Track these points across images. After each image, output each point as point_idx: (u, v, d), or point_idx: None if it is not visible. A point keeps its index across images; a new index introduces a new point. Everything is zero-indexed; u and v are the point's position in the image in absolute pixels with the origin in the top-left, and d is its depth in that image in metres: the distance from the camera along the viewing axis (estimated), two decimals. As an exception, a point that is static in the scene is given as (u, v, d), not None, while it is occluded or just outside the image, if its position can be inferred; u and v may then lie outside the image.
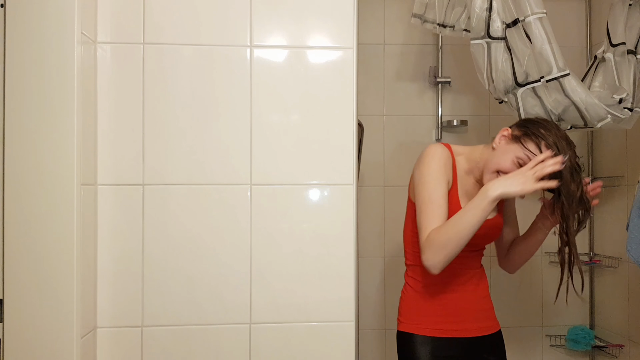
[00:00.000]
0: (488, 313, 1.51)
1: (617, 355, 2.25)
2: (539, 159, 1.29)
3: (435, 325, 1.42)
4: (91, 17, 1.18)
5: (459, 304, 1.44)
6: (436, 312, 1.44)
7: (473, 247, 1.42)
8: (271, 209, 1.24)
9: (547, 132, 1.34)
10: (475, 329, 1.46)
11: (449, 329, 1.43)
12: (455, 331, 1.43)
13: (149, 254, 1.22)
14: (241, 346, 1.24)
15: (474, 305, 1.47)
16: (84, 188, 1.13)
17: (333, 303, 1.25)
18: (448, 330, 1.43)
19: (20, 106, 1.09)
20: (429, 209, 1.32)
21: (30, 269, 1.09)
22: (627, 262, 2.18)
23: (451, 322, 1.43)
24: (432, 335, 1.42)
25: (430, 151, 1.39)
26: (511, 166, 1.33)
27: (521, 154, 1.33)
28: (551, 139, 1.32)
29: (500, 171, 1.34)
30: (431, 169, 1.36)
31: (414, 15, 2.00)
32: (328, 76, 1.26)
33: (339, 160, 1.26)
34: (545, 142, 1.32)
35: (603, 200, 2.38)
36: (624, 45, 1.75)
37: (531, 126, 1.37)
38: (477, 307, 1.48)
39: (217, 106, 1.24)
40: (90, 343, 1.17)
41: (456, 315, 1.44)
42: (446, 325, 1.42)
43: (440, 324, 1.42)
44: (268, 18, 1.25)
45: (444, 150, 1.40)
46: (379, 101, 2.38)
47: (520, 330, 2.43)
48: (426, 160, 1.38)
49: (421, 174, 1.37)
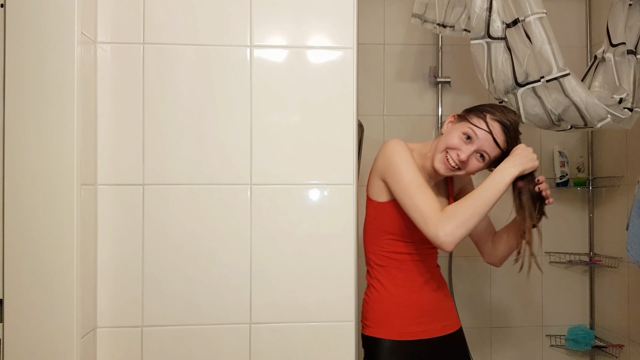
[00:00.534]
0: (450, 311, 1.53)
1: (617, 355, 2.25)
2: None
3: (402, 329, 1.42)
4: (91, 17, 1.18)
5: (423, 305, 1.45)
6: (403, 314, 1.43)
7: (430, 243, 1.41)
8: (271, 209, 1.24)
9: (492, 108, 1.38)
10: (439, 328, 1.47)
11: (416, 331, 1.43)
12: (422, 332, 1.44)
13: (149, 254, 1.22)
14: (241, 346, 1.24)
15: (436, 305, 1.48)
16: (84, 188, 1.13)
17: (333, 303, 1.25)
18: (415, 332, 1.43)
19: (21, 106, 1.09)
20: (420, 190, 1.31)
21: (30, 269, 1.09)
22: (627, 262, 2.18)
23: (417, 324, 1.43)
24: (400, 339, 1.42)
25: (395, 143, 1.39)
26: (458, 141, 1.36)
27: (466, 129, 1.36)
28: (497, 114, 1.36)
29: (448, 148, 1.37)
30: (403, 157, 1.36)
31: (414, 15, 2.00)
32: (328, 76, 1.26)
33: (339, 160, 1.26)
34: (491, 115, 1.36)
35: (603, 200, 2.39)
36: (624, 45, 1.75)
37: (475, 107, 1.42)
38: (439, 306, 1.49)
39: (217, 106, 1.24)
40: (90, 343, 1.17)
41: (421, 317, 1.44)
42: (412, 328, 1.43)
43: (407, 326, 1.42)
44: (268, 18, 1.25)
45: (404, 143, 1.41)
46: (379, 101, 2.38)
47: (520, 330, 2.43)
48: (394, 150, 1.38)
49: (394, 163, 1.36)
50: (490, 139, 1.35)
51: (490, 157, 1.37)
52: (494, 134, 1.35)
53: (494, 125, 1.35)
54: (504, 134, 1.35)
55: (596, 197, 2.43)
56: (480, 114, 1.37)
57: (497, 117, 1.36)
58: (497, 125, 1.35)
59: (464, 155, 1.35)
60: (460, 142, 1.36)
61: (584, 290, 2.46)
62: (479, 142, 1.35)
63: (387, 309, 1.45)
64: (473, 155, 1.37)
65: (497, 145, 1.35)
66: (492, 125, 1.35)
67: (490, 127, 1.35)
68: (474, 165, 1.38)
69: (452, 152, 1.37)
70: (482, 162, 1.38)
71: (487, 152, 1.36)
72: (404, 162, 1.36)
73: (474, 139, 1.35)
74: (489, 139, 1.35)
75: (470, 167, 1.38)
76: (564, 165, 2.38)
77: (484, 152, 1.36)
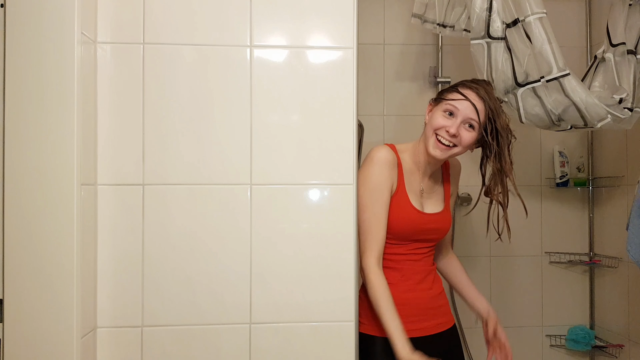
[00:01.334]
0: (444, 309, 1.54)
1: (617, 355, 2.25)
2: None
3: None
4: (91, 17, 1.18)
5: (416, 303, 1.45)
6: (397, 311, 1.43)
7: (427, 242, 1.48)
8: (271, 209, 1.24)
9: (460, 82, 1.45)
10: (432, 326, 1.48)
11: (409, 329, 1.42)
12: (415, 331, 1.43)
13: (149, 254, 1.22)
14: (241, 346, 1.24)
15: (430, 303, 1.49)
16: (84, 188, 1.13)
17: (333, 303, 1.25)
18: (408, 330, 1.41)
19: (21, 106, 1.09)
20: (368, 237, 1.38)
21: (30, 269, 1.09)
22: (627, 262, 2.18)
23: (410, 322, 1.43)
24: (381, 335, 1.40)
25: (374, 156, 1.41)
26: (442, 120, 1.40)
27: (445, 106, 1.40)
28: (467, 82, 1.43)
29: (436, 130, 1.40)
30: (372, 180, 1.39)
31: (414, 15, 2.00)
32: (328, 76, 1.26)
33: (339, 160, 1.26)
34: (461, 86, 1.42)
35: (603, 200, 2.39)
36: (624, 45, 1.75)
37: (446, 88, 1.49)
38: (433, 305, 1.49)
39: (217, 106, 1.24)
40: (90, 343, 1.17)
41: (414, 315, 1.44)
42: (406, 326, 1.41)
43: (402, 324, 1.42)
44: (268, 18, 1.25)
45: (388, 153, 1.42)
46: (379, 101, 2.38)
47: (520, 330, 2.43)
48: (369, 168, 1.41)
49: (362, 186, 1.38)
50: (470, 105, 1.38)
51: (479, 123, 1.38)
52: (470, 99, 1.38)
53: (468, 92, 1.40)
54: (478, 97, 1.39)
55: (596, 197, 2.43)
56: (452, 89, 1.43)
57: (467, 84, 1.42)
58: (469, 91, 1.40)
59: (452, 128, 1.38)
60: (444, 120, 1.40)
61: (584, 290, 2.46)
62: (461, 113, 1.38)
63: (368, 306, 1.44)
64: (461, 127, 1.39)
65: (476, 108, 1.38)
66: (466, 93, 1.39)
67: (465, 94, 1.39)
68: (466, 137, 1.39)
69: (441, 132, 1.40)
70: (473, 130, 1.40)
71: (473, 118, 1.38)
72: (369, 189, 1.39)
73: (456, 112, 1.39)
74: (469, 105, 1.38)
75: (464, 140, 1.39)
76: (564, 165, 2.38)
77: (470, 121, 1.39)
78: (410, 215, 1.44)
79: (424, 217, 1.46)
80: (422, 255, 1.49)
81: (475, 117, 1.38)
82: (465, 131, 1.39)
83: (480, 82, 1.44)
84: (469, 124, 1.39)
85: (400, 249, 1.46)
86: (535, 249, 2.44)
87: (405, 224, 1.43)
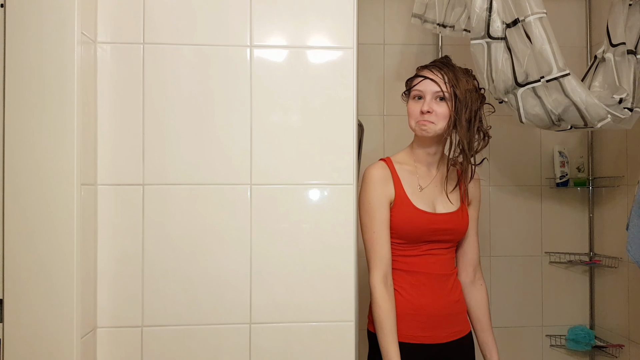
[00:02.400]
0: (460, 317, 1.51)
1: (617, 355, 2.25)
2: None
3: (406, 331, 1.41)
4: (91, 17, 1.18)
5: (430, 311, 1.43)
6: (406, 318, 1.42)
7: (442, 244, 1.48)
8: (271, 209, 1.24)
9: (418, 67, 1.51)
10: (446, 335, 1.45)
11: (420, 335, 1.42)
12: (426, 337, 1.43)
13: (149, 254, 1.22)
14: (241, 346, 1.24)
15: (445, 311, 1.46)
16: (84, 188, 1.13)
17: (333, 303, 1.25)
18: (419, 336, 1.42)
19: (21, 106, 1.09)
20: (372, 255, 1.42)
21: (30, 269, 1.09)
22: (627, 262, 2.18)
23: (422, 329, 1.42)
24: (402, 340, 1.41)
25: (366, 177, 1.45)
26: (414, 105, 1.45)
27: (413, 93, 1.46)
28: (422, 66, 1.49)
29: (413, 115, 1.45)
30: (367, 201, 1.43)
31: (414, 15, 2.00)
32: (328, 76, 1.26)
33: (339, 160, 1.26)
34: (419, 69, 1.48)
35: (603, 200, 2.39)
36: (624, 45, 1.75)
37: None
38: (449, 312, 1.47)
39: (217, 106, 1.24)
40: (90, 343, 1.17)
41: (426, 322, 1.43)
42: (417, 332, 1.42)
43: (412, 329, 1.41)
44: (268, 18, 1.25)
45: (378, 170, 1.44)
46: (379, 101, 2.38)
47: (520, 330, 2.43)
48: (363, 189, 1.45)
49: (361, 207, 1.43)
50: (429, 81, 1.42)
51: (448, 93, 1.41)
52: (427, 76, 1.43)
53: (425, 71, 1.45)
54: (435, 70, 1.44)
55: (596, 197, 2.43)
56: (413, 77, 1.49)
57: (424, 66, 1.48)
58: (426, 70, 1.46)
59: (425, 106, 1.41)
60: (417, 104, 1.45)
61: (584, 290, 2.46)
62: (427, 91, 1.42)
63: None
64: (433, 102, 1.42)
65: (436, 81, 1.41)
66: (424, 73, 1.45)
67: (423, 74, 1.45)
68: (439, 110, 1.41)
69: (418, 116, 1.44)
70: (444, 102, 1.42)
71: (437, 91, 1.41)
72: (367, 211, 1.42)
73: (422, 94, 1.44)
74: (429, 82, 1.42)
75: (439, 113, 1.41)
76: (564, 165, 2.38)
77: (437, 94, 1.42)
78: (414, 216, 1.43)
79: (432, 217, 1.44)
80: (438, 257, 1.46)
81: (438, 88, 1.41)
82: (436, 105, 1.42)
83: (436, 59, 1.50)
84: (438, 97, 1.42)
85: (413, 250, 1.45)
86: (535, 249, 2.44)
87: (411, 226, 1.42)
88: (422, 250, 1.45)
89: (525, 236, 2.43)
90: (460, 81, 1.42)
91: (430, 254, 1.46)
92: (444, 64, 1.45)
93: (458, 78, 1.42)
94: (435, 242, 1.46)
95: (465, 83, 1.43)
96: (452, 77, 1.42)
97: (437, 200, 1.48)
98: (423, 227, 1.43)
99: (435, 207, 1.47)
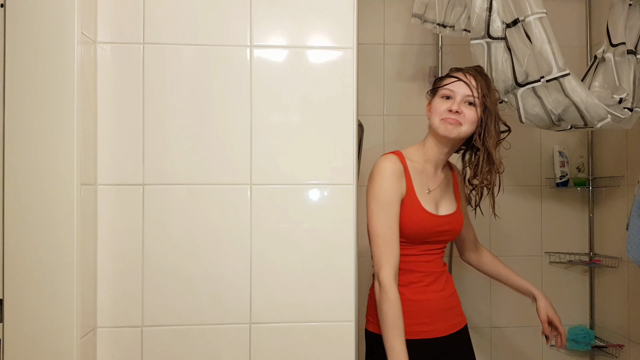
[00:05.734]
0: (456, 310, 1.54)
1: (617, 355, 2.25)
2: None
3: (407, 328, 1.40)
4: (91, 17, 1.18)
5: (427, 306, 1.44)
6: (407, 314, 1.42)
7: (439, 244, 1.49)
8: (271, 209, 1.24)
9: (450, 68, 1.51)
10: (444, 328, 1.47)
11: (418, 331, 1.43)
12: (425, 332, 1.44)
13: (149, 254, 1.22)
14: (241, 346, 1.24)
15: (441, 305, 1.48)
16: (84, 188, 1.13)
17: (333, 303, 1.25)
18: (417, 332, 1.42)
19: (21, 106, 1.09)
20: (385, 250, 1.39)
21: (30, 269, 1.09)
22: (627, 262, 2.18)
23: (420, 324, 1.43)
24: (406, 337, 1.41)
25: (382, 169, 1.43)
26: (442, 103, 1.45)
27: (442, 92, 1.46)
28: (454, 68, 1.49)
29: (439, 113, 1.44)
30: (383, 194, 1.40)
31: (414, 15, 2.00)
32: (328, 76, 1.26)
33: (339, 160, 1.26)
34: (450, 71, 1.48)
35: (603, 200, 2.39)
36: (624, 45, 1.75)
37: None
38: (444, 306, 1.49)
39: (217, 106, 1.24)
40: (90, 343, 1.17)
41: (425, 317, 1.44)
42: (415, 327, 1.42)
43: (409, 326, 1.41)
44: (268, 18, 1.25)
45: (394, 163, 1.43)
46: (379, 101, 2.38)
47: (520, 330, 2.43)
48: (378, 181, 1.42)
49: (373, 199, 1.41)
50: (463, 83, 1.43)
51: (478, 99, 1.42)
52: (461, 78, 1.43)
53: (458, 73, 1.46)
54: (470, 74, 1.45)
55: (596, 197, 2.43)
56: (444, 76, 1.50)
57: (457, 68, 1.49)
58: (460, 72, 1.46)
59: (455, 106, 1.41)
60: (444, 102, 1.44)
61: (584, 290, 2.46)
62: (458, 93, 1.43)
63: None
64: (462, 105, 1.42)
65: (470, 85, 1.42)
66: (457, 74, 1.46)
67: (457, 75, 1.46)
68: (469, 114, 1.42)
69: (445, 114, 1.43)
70: (474, 107, 1.43)
71: (469, 95, 1.42)
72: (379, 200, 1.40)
73: (452, 94, 1.44)
74: (463, 84, 1.43)
75: (467, 117, 1.42)
76: (564, 165, 2.38)
77: (467, 98, 1.43)
78: (422, 218, 1.44)
79: (437, 219, 1.46)
80: (434, 256, 1.49)
81: (470, 92, 1.42)
82: (466, 109, 1.42)
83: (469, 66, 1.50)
84: (468, 101, 1.43)
85: (412, 250, 1.46)
86: (535, 249, 2.44)
87: (418, 228, 1.43)
88: (420, 250, 1.46)
89: (525, 236, 2.43)
90: (492, 92, 1.44)
91: (427, 254, 1.48)
92: (478, 72, 1.46)
93: (490, 88, 1.44)
94: (434, 243, 1.48)
95: (495, 96, 1.46)
96: (484, 86, 1.43)
97: (440, 201, 1.51)
98: (428, 229, 1.45)
99: (438, 208, 1.48)
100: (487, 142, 1.42)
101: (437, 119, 1.44)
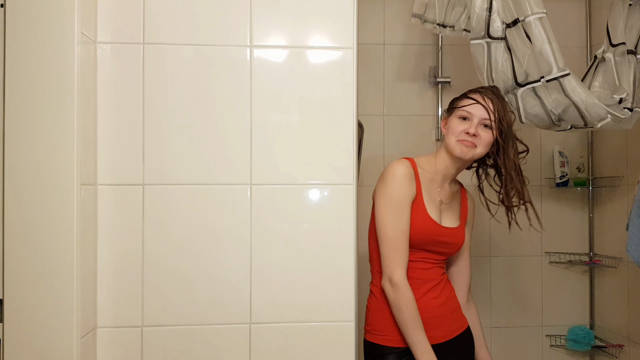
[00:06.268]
0: (455, 314, 1.53)
1: (617, 355, 2.25)
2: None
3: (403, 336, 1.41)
4: (91, 17, 1.18)
5: (424, 314, 1.43)
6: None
7: (437, 255, 1.50)
8: (271, 209, 1.24)
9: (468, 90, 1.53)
10: (443, 335, 1.47)
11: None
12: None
13: (149, 254, 1.22)
14: (241, 346, 1.24)
15: (439, 311, 1.47)
16: (84, 188, 1.13)
17: (333, 303, 1.25)
18: None
19: (21, 106, 1.09)
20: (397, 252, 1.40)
21: (30, 269, 1.09)
22: (627, 262, 2.18)
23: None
24: (400, 345, 1.42)
25: (395, 172, 1.43)
26: (459, 124, 1.46)
27: (458, 114, 1.48)
28: (472, 89, 1.51)
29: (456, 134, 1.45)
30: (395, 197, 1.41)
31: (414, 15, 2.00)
32: (328, 76, 1.26)
33: (339, 160, 1.26)
34: (469, 92, 1.50)
35: (603, 200, 2.39)
36: (624, 45, 1.75)
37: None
38: (442, 312, 1.48)
39: (217, 106, 1.24)
40: (90, 343, 1.17)
41: (425, 324, 1.42)
42: None
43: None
44: (268, 18, 1.25)
45: (406, 167, 1.44)
46: (379, 101, 2.38)
47: (520, 330, 2.43)
48: (391, 184, 1.43)
49: (385, 202, 1.42)
50: (480, 106, 1.44)
51: (494, 123, 1.44)
52: (479, 101, 1.45)
53: (476, 95, 1.48)
54: (487, 98, 1.47)
55: (596, 197, 2.43)
56: (461, 96, 1.51)
57: (475, 89, 1.51)
58: (478, 95, 1.48)
59: (472, 129, 1.44)
60: (462, 124, 1.46)
61: (584, 290, 2.46)
62: (475, 115, 1.45)
63: (386, 316, 1.44)
64: (479, 127, 1.44)
65: (487, 108, 1.44)
66: (475, 97, 1.47)
67: (475, 98, 1.47)
68: (485, 136, 1.45)
69: (462, 135, 1.45)
70: (490, 130, 1.45)
71: (486, 118, 1.44)
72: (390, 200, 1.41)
73: (470, 116, 1.45)
74: (480, 107, 1.44)
75: (483, 139, 1.45)
76: (564, 165, 2.38)
77: (484, 121, 1.45)
78: (426, 225, 1.44)
79: (439, 229, 1.47)
80: (431, 264, 1.49)
81: (487, 116, 1.44)
82: (482, 131, 1.45)
83: (484, 86, 1.53)
84: (484, 124, 1.45)
85: (411, 255, 1.45)
86: (535, 249, 2.44)
87: (420, 233, 1.43)
88: (418, 256, 1.46)
89: (525, 236, 2.42)
90: (507, 114, 1.46)
91: (424, 262, 1.48)
92: (495, 95, 1.48)
93: (506, 111, 1.46)
94: (432, 252, 1.48)
95: (511, 118, 1.48)
96: (500, 108, 1.45)
97: (444, 213, 1.52)
98: (430, 237, 1.45)
99: (441, 219, 1.49)
100: (507, 165, 1.46)
101: (453, 139, 1.45)
